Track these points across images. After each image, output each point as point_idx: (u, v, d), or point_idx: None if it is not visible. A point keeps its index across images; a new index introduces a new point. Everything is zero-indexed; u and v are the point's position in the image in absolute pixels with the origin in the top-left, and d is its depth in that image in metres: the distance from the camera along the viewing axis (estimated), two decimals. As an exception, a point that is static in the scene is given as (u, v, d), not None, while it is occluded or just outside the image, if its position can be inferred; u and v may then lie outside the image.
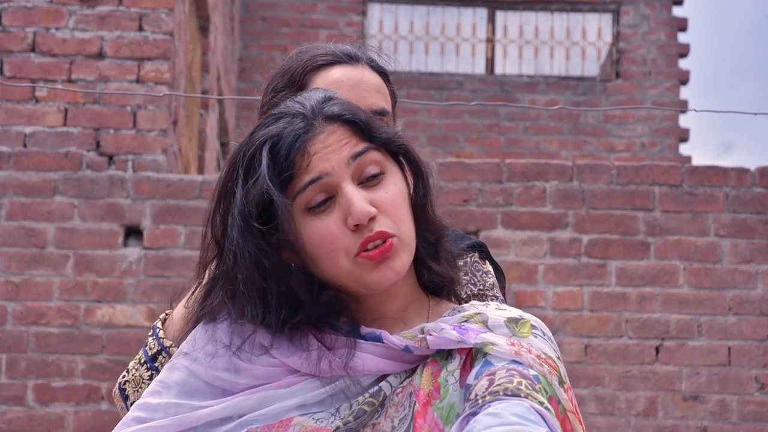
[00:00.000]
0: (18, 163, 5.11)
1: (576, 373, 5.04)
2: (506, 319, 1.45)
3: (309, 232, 1.45)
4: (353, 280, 1.46)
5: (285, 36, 9.13)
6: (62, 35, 5.41)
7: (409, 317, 1.51)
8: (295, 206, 1.45)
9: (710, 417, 5.03)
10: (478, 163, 5.25)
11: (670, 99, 9.22)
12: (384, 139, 1.50)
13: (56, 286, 5.01)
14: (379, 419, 1.41)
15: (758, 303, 5.09)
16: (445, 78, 9.27)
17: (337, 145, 1.47)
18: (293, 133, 1.46)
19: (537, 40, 9.53)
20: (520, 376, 1.35)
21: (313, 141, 1.46)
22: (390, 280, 1.45)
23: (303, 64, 1.83)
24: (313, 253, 1.46)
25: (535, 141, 9.12)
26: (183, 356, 1.50)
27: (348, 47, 1.85)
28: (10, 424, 4.91)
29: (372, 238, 1.44)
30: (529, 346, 1.42)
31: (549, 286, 5.14)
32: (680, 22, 9.44)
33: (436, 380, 1.41)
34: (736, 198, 5.16)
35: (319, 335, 1.45)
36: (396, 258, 1.45)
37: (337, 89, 1.74)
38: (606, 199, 5.17)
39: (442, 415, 1.38)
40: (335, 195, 1.45)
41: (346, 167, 1.46)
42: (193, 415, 1.43)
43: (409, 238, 1.48)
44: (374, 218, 1.45)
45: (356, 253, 1.44)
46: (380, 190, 1.47)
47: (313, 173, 1.45)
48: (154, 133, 5.35)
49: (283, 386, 1.44)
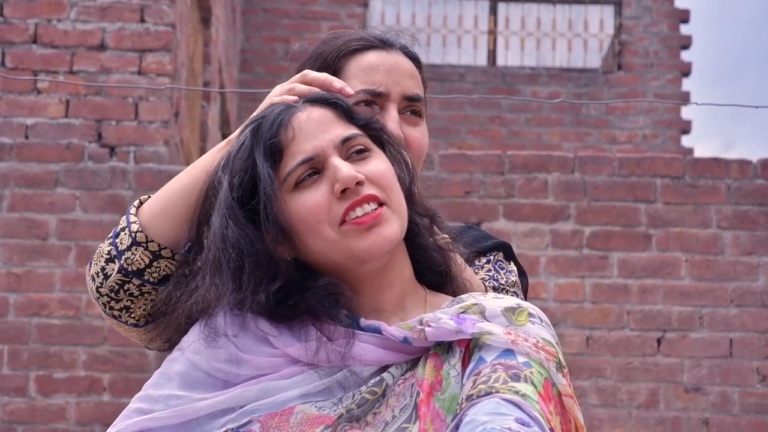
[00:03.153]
0: (20, 155, 5.11)
1: (577, 364, 5.04)
2: (503, 309, 1.46)
3: (296, 207, 1.47)
4: (343, 253, 1.46)
5: (286, 27, 9.12)
6: (64, 27, 5.41)
7: (407, 308, 1.52)
8: (285, 187, 1.47)
9: (712, 409, 5.03)
10: (480, 155, 5.25)
11: (672, 91, 9.21)
12: (364, 120, 1.54)
13: (58, 277, 5.01)
14: (380, 408, 1.42)
15: (760, 295, 5.09)
16: (447, 70, 9.26)
17: (323, 124, 1.50)
18: (275, 112, 1.51)
19: (539, 31, 9.52)
20: (503, 369, 1.37)
21: (295, 116, 1.50)
22: (381, 248, 1.46)
23: (337, 49, 1.82)
24: (300, 230, 1.46)
25: (537, 133, 9.11)
26: (183, 349, 1.50)
27: (381, 33, 1.86)
28: (12, 415, 4.91)
29: (359, 201, 1.45)
30: (526, 334, 1.42)
31: (551, 278, 5.14)
32: (682, 14, 9.42)
33: (438, 373, 1.42)
34: (737, 190, 5.15)
35: (318, 325, 1.45)
36: (386, 225, 1.46)
37: (372, 73, 1.79)
38: (608, 190, 5.17)
39: (444, 407, 1.39)
40: (323, 170, 1.47)
41: (335, 148, 1.48)
42: (193, 407, 1.44)
43: (400, 207, 1.49)
44: (362, 184, 1.46)
45: (341, 221, 1.45)
46: (368, 164, 1.50)
47: (304, 153, 1.47)
48: (155, 125, 5.34)
49: (284, 377, 1.44)
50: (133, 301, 1.65)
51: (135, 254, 1.63)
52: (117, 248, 1.65)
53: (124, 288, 1.65)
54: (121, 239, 1.65)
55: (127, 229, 1.65)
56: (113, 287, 1.65)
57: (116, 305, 1.66)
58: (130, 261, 1.63)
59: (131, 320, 1.67)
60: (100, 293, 1.66)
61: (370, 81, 1.79)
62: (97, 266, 1.66)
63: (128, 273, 1.64)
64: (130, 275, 1.64)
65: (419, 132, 1.81)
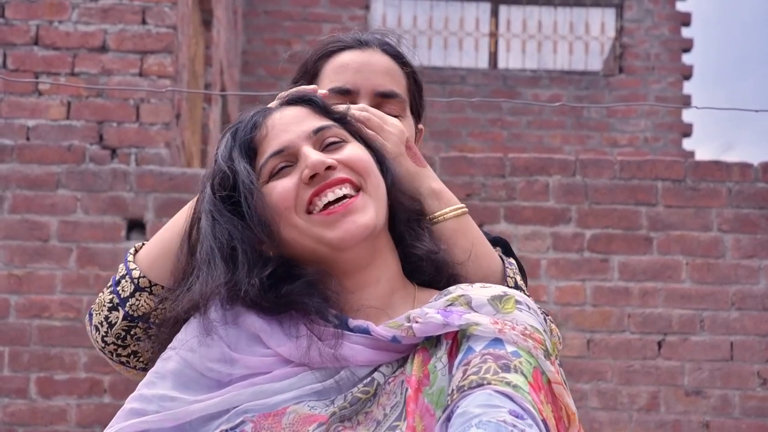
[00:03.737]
0: (21, 156, 5.11)
1: (578, 367, 5.04)
2: (490, 297, 1.45)
3: (268, 197, 1.49)
4: (314, 240, 1.47)
5: (288, 30, 9.12)
6: (65, 28, 5.41)
7: (395, 305, 1.52)
8: (261, 181, 1.50)
9: (712, 412, 5.03)
10: (481, 158, 5.25)
11: (673, 94, 9.20)
12: (340, 114, 1.58)
13: (59, 279, 5.01)
14: (371, 408, 1.42)
15: (761, 298, 5.09)
16: (448, 72, 9.26)
17: (296, 119, 1.53)
18: (251, 114, 1.56)
19: (540, 34, 9.52)
20: (493, 359, 1.37)
21: (270, 116, 1.54)
22: (355, 234, 1.46)
23: (315, 53, 1.88)
24: (273, 220, 1.48)
25: (538, 135, 9.11)
26: (176, 348, 1.50)
27: (360, 34, 1.88)
28: (13, 417, 4.91)
29: (329, 185, 1.47)
30: (514, 322, 1.42)
31: (551, 281, 5.14)
32: (684, 17, 9.42)
33: (425, 367, 1.42)
34: (739, 193, 5.15)
35: (309, 325, 1.46)
36: (361, 212, 1.47)
37: (342, 72, 1.82)
38: (609, 193, 5.17)
39: (432, 401, 1.39)
40: (296, 162, 1.50)
41: (307, 139, 1.51)
42: (186, 410, 1.44)
43: (377, 192, 1.50)
44: (333, 168, 1.48)
45: (308, 205, 1.47)
46: (343, 151, 1.52)
47: (275, 146, 1.50)
48: (156, 127, 5.34)
49: (277, 378, 1.44)
50: (140, 345, 1.67)
51: (140, 300, 1.66)
52: (119, 296, 1.67)
53: (131, 333, 1.67)
54: (122, 287, 1.67)
55: (128, 276, 1.67)
56: (119, 334, 1.67)
57: (123, 351, 1.68)
58: (135, 307, 1.66)
59: (140, 364, 1.69)
60: (106, 342, 1.68)
61: (341, 80, 1.82)
62: (100, 316, 1.68)
63: (134, 318, 1.66)
64: (136, 320, 1.66)
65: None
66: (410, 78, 1.89)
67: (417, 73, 1.92)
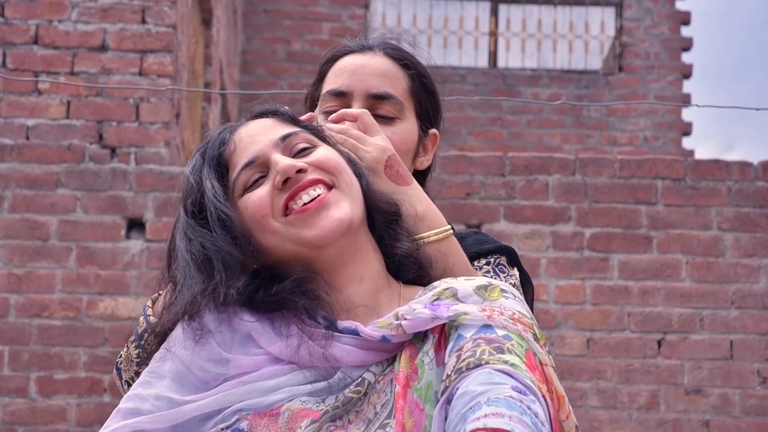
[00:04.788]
0: (21, 156, 5.11)
1: (578, 366, 5.04)
2: (475, 287, 1.47)
3: (244, 209, 1.51)
4: (294, 241, 1.49)
5: (288, 29, 9.12)
6: (65, 27, 5.41)
7: (381, 304, 1.53)
8: (236, 196, 1.52)
9: (712, 411, 5.03)
10: (481, 157, 5.25)
11: (673, 93, 9.20)
12: (305, 123, 1.60)
13: (59, 278, 5.01)
14: (362, 406, 1.43)
15: (761, 297, 5.09)
16: (447, 71, 9.26)
17: (263, 130, 1.55)
18: (218, 132, 1.58)
19: (540, 33, 9.52)
20: (486, 342, 1.37)
21: (236, 131, 1.56)
22: (331, 229, 1.47)
23: (323, 58, 1.93)
24: (252, 231, 1.50)
25: (538, 134, 9.11)
26: (170, 348, 1.51)
27: (368, 40, 1.93)
28: (13, 416, 4.91)
29: (302, 187, 1.49)
30: (501, 308, 1.43)
31: (551, 280, 5.14)
32: (683, 16, 9.42)
33: (413, 362, 1.43)
34: (738, 192, 5.15)
35: (300, 325, 1.47)
36: (335, 207, 1.49)
37: (339, 75, 1.86)
38: (608, 192, 5.17)
39: (421, 395, 1.39)
40: (269, 171, 1.51)
41: (275, 147, 1.52)
42: (178, 411, 1.44)
43: (350, 189, 1.52)
44: (304, 171, 1.50)
45: (284, 210, 1.48)
46: (312, 155, 1.54)
47: (245, 158, 1.52)
48: (156, 126, 5.34)
49: (266, 376, 1.45)
50: None
51: None
52: (145, 350, 1.68)
53: None
54: (146, 340, 1.69)
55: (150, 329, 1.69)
56: None
57: None
58: None
59: None
60: None
61: (337, 82, 1.86)
62: (130, 372, 1.72)
63: None
64: None
65: (390, 133, 1.81)
66: (415, 80, 1.89)
67: (427, 76, 1.92)
